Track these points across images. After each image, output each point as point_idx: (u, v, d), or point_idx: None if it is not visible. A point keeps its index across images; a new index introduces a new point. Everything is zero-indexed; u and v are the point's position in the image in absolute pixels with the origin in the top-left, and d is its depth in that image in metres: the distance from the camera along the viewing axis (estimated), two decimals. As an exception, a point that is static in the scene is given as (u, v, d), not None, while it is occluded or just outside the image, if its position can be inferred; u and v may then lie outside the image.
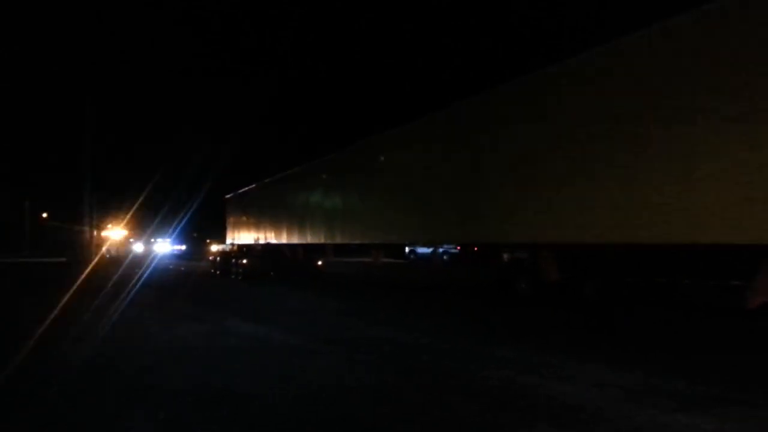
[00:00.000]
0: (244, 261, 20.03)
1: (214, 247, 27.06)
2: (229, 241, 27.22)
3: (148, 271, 22.51)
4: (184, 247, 37.91)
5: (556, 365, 5.93)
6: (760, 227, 6.37)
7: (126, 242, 44.11)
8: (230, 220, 27.60)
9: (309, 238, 18.60)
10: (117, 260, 31.33)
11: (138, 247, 43.84)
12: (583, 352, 6.53)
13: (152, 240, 49.17)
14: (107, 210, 41.77)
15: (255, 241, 23.31)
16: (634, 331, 8.17)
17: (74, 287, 14.56)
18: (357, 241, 15.91)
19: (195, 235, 49.61)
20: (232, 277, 20.39)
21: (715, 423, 4.06)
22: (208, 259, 26.06)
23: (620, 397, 4.73)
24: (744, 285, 7.29)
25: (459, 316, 10.09)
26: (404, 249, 23.94)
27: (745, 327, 7.68)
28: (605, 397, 4.72)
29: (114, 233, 43.06)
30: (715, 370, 5.70)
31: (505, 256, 11.12)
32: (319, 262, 18.69)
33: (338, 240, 16.72)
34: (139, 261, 29.30)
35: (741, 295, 7.32)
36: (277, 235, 21.26)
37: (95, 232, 38.93)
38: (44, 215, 53.15)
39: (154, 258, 35.70)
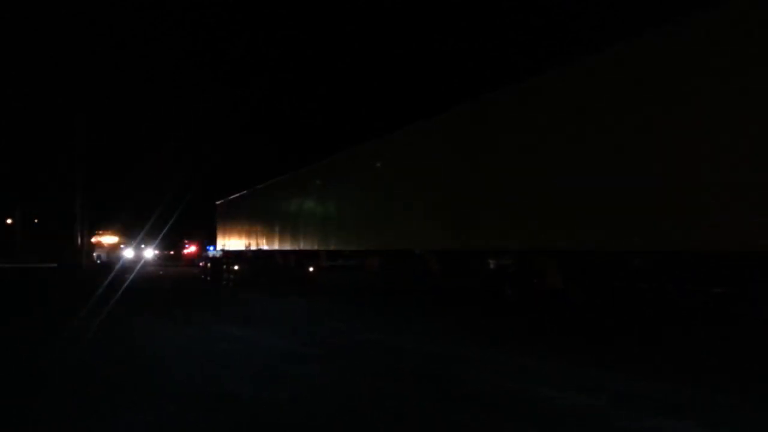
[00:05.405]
0: (236, 267, 20.04)
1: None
2: (219, 247, 27.21)
3: (137, 277, 22.48)
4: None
5: (546, 370, 6.01)
6: (754, 233, 6.38)
7: (116, 248, 43.92)
8: (221, 226, 27.55)
9: (302, 245, 18.60)
10: (107, 265, 31.24)
11: (128, 253, 43.65)
12: (572, 357, 6.63)
13: (142, 246, 49.05)
14: (98, 216, 41.65)
15: (246, 247, 23.30)
16: (622, 335, 8.27)
17: (65, 291, 14.53)
18: (352, 248, 15.88)
19: (185, 241, 49.56)
20: (224, 283, 20.39)
21: (704, 427, 4.15)
22: (199, 265, 26.06)
23: (609, 401, 4.80)
24: (726, 292, 7.41)
25: (446, 321, 10.18)
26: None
27: (732, 333, 7.80)
28: (594, 402, 4.79)
29: (105, 239, 42.93)
30: (704, 374, 5.77)
31: (492, 262, 11.15)
32: (311, 269, 18.74)
33: (332, 246, 16.69)
34: (129, 266, 29.25)
35: (726, 301, 7.43)
36: (269, 242, 21.24)
37: (86, 238, 38.78)
38: (36, 220, 52.85)
39: (143, 264, 35.66)
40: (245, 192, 24.40)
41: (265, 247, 21.56)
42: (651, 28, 7.57)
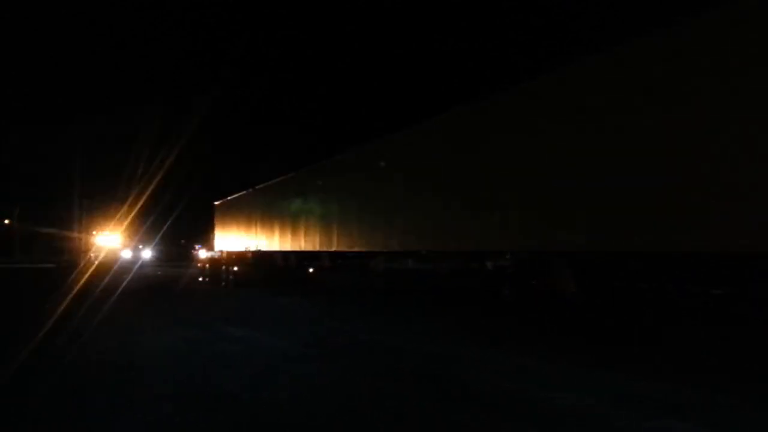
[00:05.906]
0: (235, 268, 19.98)
1: (203, 254, 27.04)
2: (218, 247, 27.17)
3: (135, 277, 22.47)
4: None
5: (546, 370, 6.01)
6: (754, 233, 6.36)
7: (114, 248, 43.86)
8: (219, 226, 27.52)
9: (302, 246, 18.57)
10: (105, 266, 31.22)
11: (126, 253, 43.61)
12: (572, 357, 6.63)
13: (140, 246, 49.02)
14: (96, 216, 41.64)
15: (245, 248, 23.27)
16: (622, 335, 8.28)
17: (64, 291, 14.46)
18: (353, 249, 15.85)
19: (182, 241, 49.58)
20: (222, 284, 20.34)
21: (704, 427, 4.15)
22: (197, 266, 26.03)
23: (609, 401, 4.80)
24: (726, 292, 7.41)
25: (446, 321, 10.18)
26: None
27: (732, 333, 7.80)
28: (594, 402, 4.78)
29: (102, 239, 42.87)
30: (704, 374, 5.78)
31: (491, 262, 11.14)
32: (311, 270, 18.71)
33: (334, 248, 16.67)
34: (126, 267, 29.26)
35: (726, 301, 7.43)
36: (269, 242, 21.20)
37: (84, 238, 38.78)
38: (34, 221, 52.81)
39: (141, 264, 35.66)
40: (244, 192, 24.37)
41: (265, 248, 21.53)
42: (651, 28, 7.57)
